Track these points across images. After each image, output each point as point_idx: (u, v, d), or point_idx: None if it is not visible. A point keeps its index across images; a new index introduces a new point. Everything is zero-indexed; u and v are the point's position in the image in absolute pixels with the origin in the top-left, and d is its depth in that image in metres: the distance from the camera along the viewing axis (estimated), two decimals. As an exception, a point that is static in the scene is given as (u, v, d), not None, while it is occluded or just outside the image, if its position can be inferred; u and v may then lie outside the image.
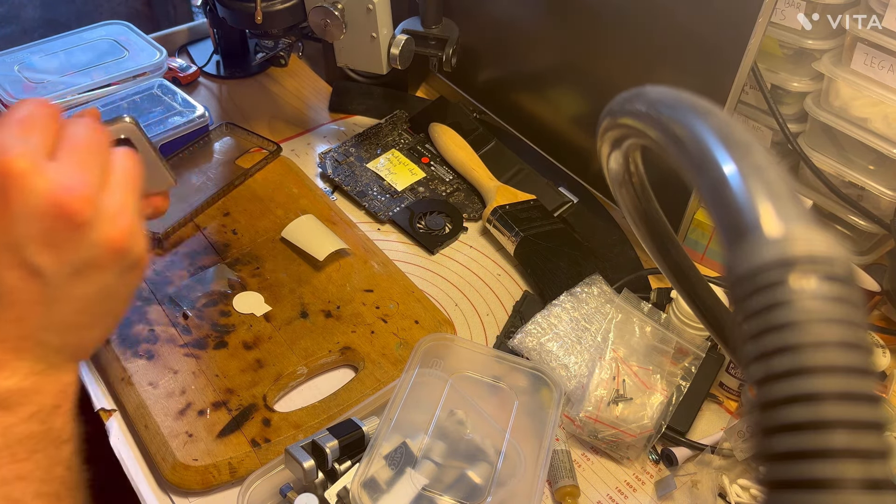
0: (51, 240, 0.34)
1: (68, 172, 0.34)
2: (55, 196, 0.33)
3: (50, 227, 0.34)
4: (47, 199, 0.33)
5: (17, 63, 0.94)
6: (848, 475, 0.19)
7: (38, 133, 0.35)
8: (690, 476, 0.61)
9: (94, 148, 0.37)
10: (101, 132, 0.38)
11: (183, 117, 0.89)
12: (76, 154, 0.35)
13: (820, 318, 0.20)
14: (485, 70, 0.96)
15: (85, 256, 0.35)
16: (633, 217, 0.40)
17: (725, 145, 0.24)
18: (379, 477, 0.53)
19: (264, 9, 0.82)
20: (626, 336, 0.66)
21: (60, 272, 0.35)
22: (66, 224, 0.34)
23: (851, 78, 0.67)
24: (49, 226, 0.34)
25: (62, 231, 0.34)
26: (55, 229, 0.34)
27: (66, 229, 0.34)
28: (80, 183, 0.34)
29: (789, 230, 0.22)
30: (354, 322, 0.71)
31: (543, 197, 0.86)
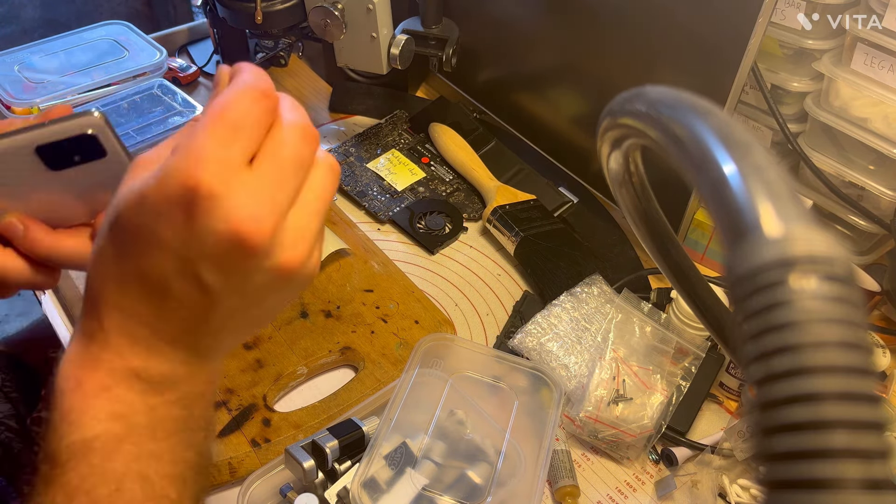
0: (223, 263, 0.34)
1: (259, 197, 0.33)
2: (238, 227, 0.32)
3: (225, 251, 0.33)
4: (229, 228, 0.32)
5: (17, 63, 0.94)
6: (848, 475, 0.19)
7: (244, 140, 0.33)
8: (690, 476, 0.61)
9: (299, 163, 0.35)
10: (313, 142, 0.36)
11: (183, 117, 0.89)
12: (276, 170, 0.34)
13: (820, 318, 0.20)
14: (485, 70, 0.96)
15: (255, 281, 0.35)
16: (633, 217, 0.39)
17: (725, 145, 0.24)
18: (379, 477, 0.53)
19: (264, 9, 0.82)
20: (626, 336, 0.66)
21: (227, 291, 0.35)
22: (242, 254, 0.33)
23: (851, 78, 0.67)
24: (224, 250, 0.33)
25: (236, 258, 0.34)
26: (230, 255, 0.33)
27: (240, 258, 0.34)
28: (268, 213, 0.33)
29: (789, 230, 0.22)
30: (354, 322, 0.71)
31: (543, 197, 0.86)
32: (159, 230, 0.33)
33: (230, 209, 0.32)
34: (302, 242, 0.35)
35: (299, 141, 0.35)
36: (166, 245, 0.33)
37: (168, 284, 0.34)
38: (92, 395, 0.35)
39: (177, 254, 0.33)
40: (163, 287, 0.34)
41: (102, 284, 0.35)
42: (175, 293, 0.35)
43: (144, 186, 0.33)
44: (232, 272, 0.34)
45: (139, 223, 0.33)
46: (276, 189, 0.34)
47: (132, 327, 0.35)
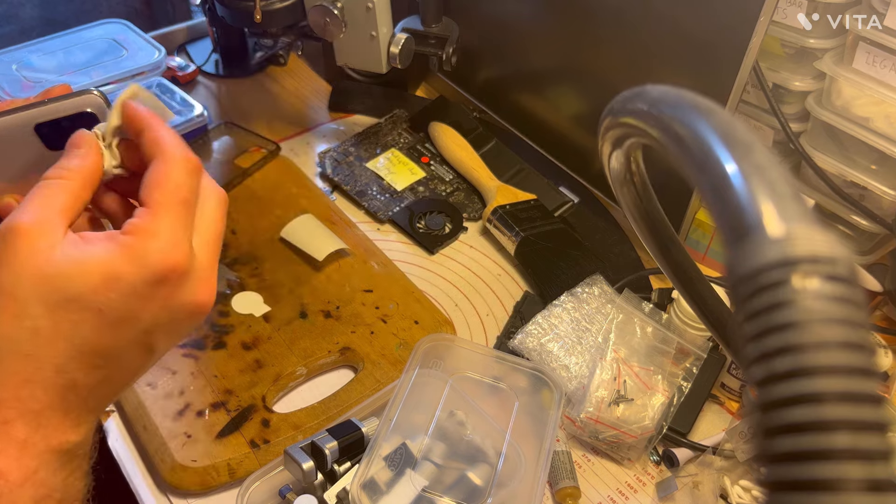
0: (176, 329, 0.37)
1: (208, 268, 0.37)
2: (199, 301, 0.36)
3: (183, 320, 0.37)
4: (193, 302, 0.36)
5: (15, 62, 0.94)
6: (850, 476, 0.19)
7: (192, 218, 0.37)
8: (692, 477, 0.61)
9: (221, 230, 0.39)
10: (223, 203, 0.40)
11: (182, 116, 0.89)
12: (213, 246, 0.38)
13: (822, 318, 0.20)
14: (485, 70, 0.96)
15: (185, 335, 0.40)
16: (635, 217, 0.39)
17: (727, 144, 0.24)
18: (378, 478, 0.52)
19: (263, 7, 0.81)
20: (627, 336, 0.66)
21: (164, 350, 0.38)
22: (196, 320, 0.37)
23: (853, 77, 0.67)
24: (182, 319, 0.36)
25: (188, 324, 0.37)
26: (185, 322, 0.37)
27: (191, 324, 0.37)
28: (214, 284, 0.37)
29: (791, 230, 0.21)
30: (354, 322, 0.71)
31: (544, 197, 0.85)
32: (130, 307, 0.34)
33: (196, 284, 0.36)
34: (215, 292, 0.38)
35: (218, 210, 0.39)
36: (133, 320, 0.35)
37: (120, 354, 0.35)
38: (18, 484, 0.33)
39: (141, 326, 0.35)
40: (113, 358, 0.35)
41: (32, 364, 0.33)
42: (125, 362, 0.36)
43: (112, 267, 0.33)
44: (179, 335, 0.38)
45: (106, 300, 0.33)
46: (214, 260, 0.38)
47: (70, 401, 0.34)
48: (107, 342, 0.34)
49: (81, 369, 0.34)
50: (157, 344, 0.37)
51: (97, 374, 0.35)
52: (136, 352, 0.36)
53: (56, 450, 0.34)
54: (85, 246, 0.34)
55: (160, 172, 0.36)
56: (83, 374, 0.34)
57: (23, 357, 0.33)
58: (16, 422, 0.33)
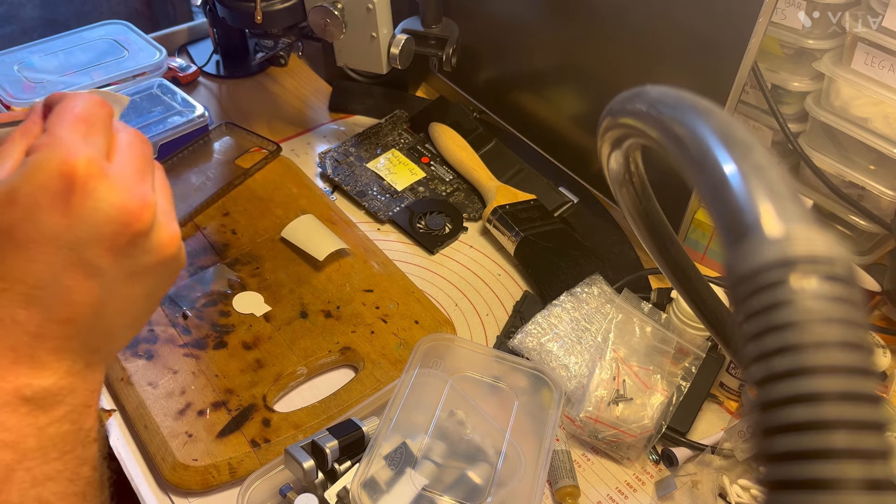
0: (113, 244, 0.35)
1: (132, 180, 0.35)
2: (124, 204, 0.34)
3: (114, 231, 0.34)
4: (115, 206, 0.34)
5: (16, 63, 0.94)
6: (849, 475, 0.19)
7: (99, 135, 0.35)
8: (691, 476, 0.61)
9: (148, 157, 0.38)
10: (148, 143, 0.39)
11: (183, 117, 0.89)
12: (134, 161, 0.36)
13: (820, 318, 0.20)
14: (485, 70, 0.96)
15: (142, 262, 0.36)
16: (634, 217, 0.39)
17: (726, 145, 0.24)
18: (379, 477, 0.52)
19: (264, 8, 0.82)
20: (626, 336, 0.66)
21: (118, 276, 0.36)
22: (131, 230, 0.35)
23: (852, 77, 0.67)
24: (113, 231, 0.34)
25: (125, 237, 0.35)
26: (119, 234, 0.34)
27: (130, 235, 0.35)
28: (145, 192, 0.36)
29: (790, 230, 0.21)
30: (354, 322, 0.71)
31: (543, 197, 0.86)
32: (39, 222, 0.33)
33: (111, 189, 0.34)
34: (172, 222, 0.37)
35: (140, 140, 0.38)
36: (49, 236, 0.33)
37: (54, 279, 0.34)
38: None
39: (62, 242, 0.33)
40: (47, 284, 0.34)
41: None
42: (62, 287, 0.34)
43: (10, 186, 0.32)
44: (121, 252, 0.35)
45: (11, 221, 0.33)
46: (141, 176, 0.36)
47: (13, 339, 0.33)
48: (27, 265, 0.33)
49: (14, 302, 0.33)
50: (99, 263, 0.34)
51: (36, 307, 0.34)
52: (73, 276, 0.34)
53: (14, 394, 0.33)
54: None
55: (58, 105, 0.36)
56: (19, 307, 0.33)
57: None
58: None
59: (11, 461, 0.33)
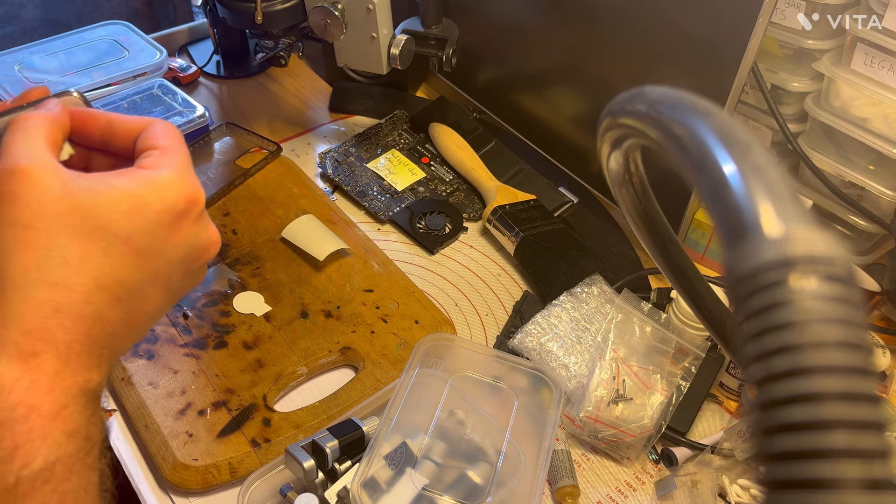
0: (189, 267, 0.38)
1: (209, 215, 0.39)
2: (211, 237, 0.38)
3: (196, 257, 0.38)
4: (206, 238, 0.38)
5: (17, 63, 0.94)
6: (848, 475, 0.19)
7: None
8: (690, 476, 0.61)
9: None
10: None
11: (183, 117, 0.89)
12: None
13: (820, 318, 0.20)
14: (485, 70, 0.96)
15: (194, 281, 0.40)
16: (633, 217, 0.39)
17: (725, 145, 0.24)
18: (379, 477, 0.53)
19: (264, 9, 0.82)
20: (626, 336, 0.66)
21: (179, 290, 0.39)
22: (206, 258, 0.39)
23: (851, 78, 0.67)
24: (196, 256, 0.38)
25: (200, 262, 0.38)
26: (197, 259, 0.38)
27: (203, 261, 0.39)
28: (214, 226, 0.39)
29: (789, 230, 0.22)
30: (354, 322, 0.71)
31: (543, 197, 0.86)
32: (154, 236, 0.35)
33: (208, 222, 0.38)
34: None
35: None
36: (156, 249, 0.35)
37: (143, 287, 0.36)
38: (50, 418, 0.32)
39: (162, 257, 0.36)
40: (137, 290, 0.35)
41: (62, 293, 0.33)
42: (145, 295, 0.36)
43: (140, 196, 0.34)
44: (189, 275, 0.38)
45: (132, 228, 0.34)
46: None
47: (95, 336, 0.34)
48: (132, 272, 0.35)
49: (107, 300, 0.34)
50: (175, 281, 0.37)
51: (120, 307, 0.35)
52: (156, 287, 0.36)
53: (82, 387, 0.34)
54: (107, 178, 0.34)
55: (158, 126, 0.37)
56: (109, 305, 0.34)
57: (51, 286, 0.33)
58: (46, 354, 0.33)
59: (74, 452, 0.34)
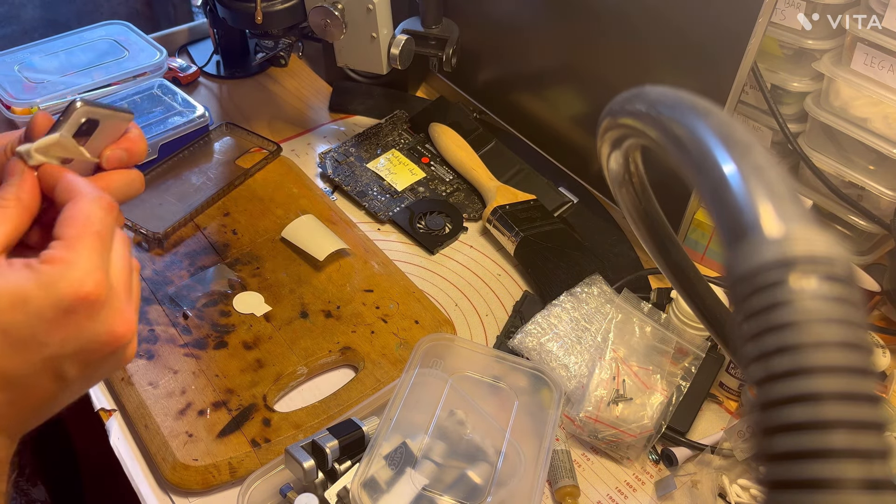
0: (89, 359, 0.37)
1: (123, 301, 0.38)
2: (114, 330, 0.37)
3: (95, 350, 0.37)
4: (107, 331, 0.36)
5: (17, 63, 0.94)
6: (848, 475, 0.19)
7: (108, 249, 0.37)
8: (690, 476, 0.61)
9: (132, 268, 0.40)
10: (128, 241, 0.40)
11: (183, 117, 0.89)
12: (124, 275, 0.38)
13: (820, 318, 0.20)
14: (485, 70, 0.96)
15: (106, 369, 0.39)
16: (633, 217, 0.39)
17: (725, 145, 0.24)
18: (379, 477, 0.53)
19: (264, 9, 0.82)
20: (626, 336, 0.66)
21: (79, 381, 0.38)
22: (110, 350, 0.37)
23: (851, 78, 0.67)
24: (95, 349, 0.37)
25: (102, 354, 0.37)
26: (98, 352, 0.37)
27: (107, 353, 0.37)
28: (131, 315, 0.38)
29: (789, 230, 0.22)
30: (354, 322, 0.71)
31: (543, 197, 0.86)
32: (37, 330, 0.35)
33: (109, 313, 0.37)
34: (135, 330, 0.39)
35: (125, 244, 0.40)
36: (40, 343, 0.35)
37: (27, 377, 0.36)
38: None
39: (49, 351, 0.35)
40: (19, 381, 0.35)
41: None
42: (31, 385, 0.36)
43: (21, 291, 0.34)
44: (93, 365, 0.37)
45: (11, 321, 0.34)
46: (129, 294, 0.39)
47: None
48: (9, 363, 0.35)
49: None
50: (69, 372, 0.37)
51: (3, 395, 0.35)
52: (43, 378, 0.36)
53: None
54: (4, 270, 0.35)
55: (74, 208, 0.37)
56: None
57: None
58: None
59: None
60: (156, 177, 0.84)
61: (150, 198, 0.82)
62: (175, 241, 0.78)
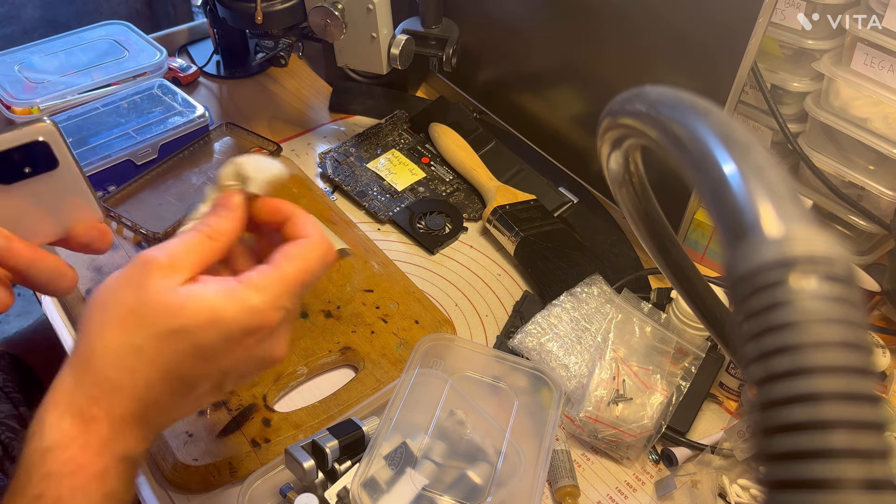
0: (246, 375, 0.41)
1: (286, 333, 0.42)
2: (275, 356, 0.41)
3: (257, 368, 0.41)
4: (269, 356, 0.41)
5: (17, 63, 0.94)
6: (848, 475, 0.19)
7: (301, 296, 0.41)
8: (690, 476, 0.61)
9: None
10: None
11: (183, 117, 0.89)
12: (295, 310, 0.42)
13: (820, 318, 0.20)
14: (485, 70, 0.96)
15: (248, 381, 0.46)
16: (634, 217, 0.40)
17: (725, 145, 0.24)
18: (379, 477, 0.53)
19: (264, 9, 0.82)
20: (626, 336, 0.66)
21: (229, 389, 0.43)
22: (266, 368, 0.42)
23: (851, 78, 0.67)
24: (257, 367, 0.41)
25: (256, 372, 0.42)
26: (258, 370, 0.41)
27: (259, 373, 0.42)
28: (288, 343, 0.42)
29: (789, 230, 0.22)
30: (354, 322, 0.71)
31: (543, 197, 0.86)
32: (224, 348, 0.38)
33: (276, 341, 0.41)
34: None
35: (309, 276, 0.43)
36: (220, 360, 0.39)
37: (199, 385, 0.40)
38: (93, 478, 0.37)
39: (223, 366, 0.39)
40: (193, 387, 0.39)
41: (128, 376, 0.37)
42: (199, 393, 0.40)
43: (220, 308, 0.38)
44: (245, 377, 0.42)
45: (204, 339, 0.38)
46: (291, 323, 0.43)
47: (147, 416, 0.38)
48: (193, 372, 0.38)
49: (165, 391, 0.38)
50: (227, 383, 0.41)
51: (175, 398, 0.39)
52: (209, 386, 0.40)
53: (125, 455, 0.38)
54: (201, 286, 0.38)
55: (303, 247, 0.41)
56: (166, 395, 0.38)
57: (121, 368, 0.37)
58: (102, 421, 0.37)
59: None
60: (156, 177, 0.84)
61: (150, 198, 0.82)
62: (175, 241, 0.78)
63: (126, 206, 0.80)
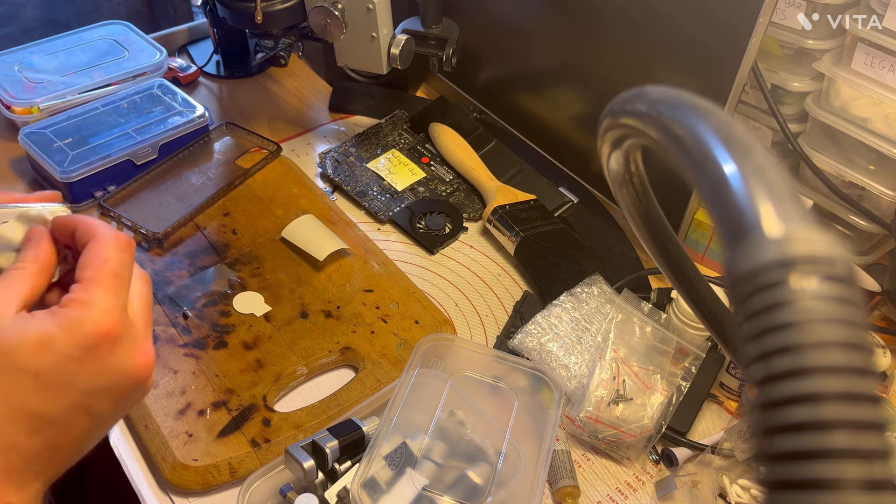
0: (118, 394, 0.39)
1: (143, 336, 0.40)
2: (136, 363, 0.39)
3: (121, 384, 0.39)
4: (130, 364, 0.39)
5: (17, 63, 0.94)
6: (848, 475, 0.19)
7: (126, 288, 0.40)
8: (691, 476, 0.61)
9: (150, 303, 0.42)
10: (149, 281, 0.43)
11: (183, 117, 0.89)
12: (144, 313, 0.41)
13: (820, 318, 0.20)
14: (485, 70, 0.96)
15: (132, 401, 0.41)
16: (634, 217, 0.39)
17: (726, 145, 0.24)
18: (379, 477, 0.53)
19: (264, 9, 0.82)
20: (626, 336, 0.66)
21: (110, 415, 0.40)
22: (134, 384, 0.39)
23: (852, 78, 0.67)
24: (121, 383, 0.39)
25: (129, 388, 0.39)
26: (125, 387, 0.39)
27: (132, 387, 0.40)
28: (150, 348, 0.40)
29: (790, 230, 0.21)
30: (354, 322, 0.71)
31: (543, 197, 0.86)
32: (65, 370, 0.37)
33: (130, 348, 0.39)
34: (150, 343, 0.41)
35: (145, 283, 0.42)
36: (70, 381, 0.37)
37: (62, 416, 0.37)
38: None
39: (79, 388, 0.37)
40: (55, 420, 0.37)
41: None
42: (66, 423, 0.38)
43: (46, 334, 0.36)
44: (121, 398, 0.40)
45: (41, 364, 0.36)
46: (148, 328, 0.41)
47: (12, 462, 0.36)
48: (45, 405, 0.36)
49: (22, 431, 0.36)
50: (100, 408, 0.39)
51: (39, 437, 0.37)
52: (77, 415, 0.38)
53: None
54: (28, 319, 0.37)
55: (91, 251, 0.39)
56: (24, 436, 0.36)
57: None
58: None
59: None
60: (156, 177, 0.84)
61: (150, 198, 0.82)
62: (175, 241, 0.78)
63: (126, 206, 0.80)
